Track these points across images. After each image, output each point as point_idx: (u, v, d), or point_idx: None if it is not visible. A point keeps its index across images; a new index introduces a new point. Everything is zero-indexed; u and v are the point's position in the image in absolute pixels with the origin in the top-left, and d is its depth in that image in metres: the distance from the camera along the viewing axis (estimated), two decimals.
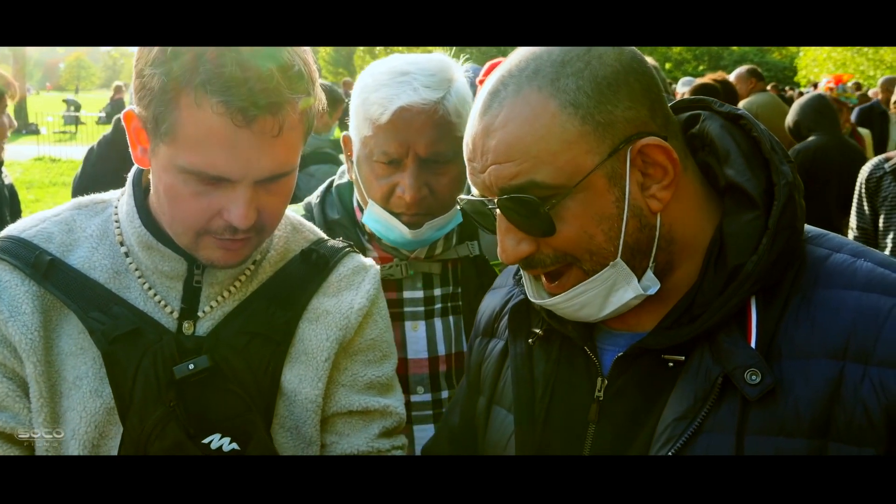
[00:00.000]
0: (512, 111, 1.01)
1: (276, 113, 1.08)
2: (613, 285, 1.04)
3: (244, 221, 1.13)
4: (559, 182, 1.00)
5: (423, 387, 1.71)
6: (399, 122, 1.54)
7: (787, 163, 1.05)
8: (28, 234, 1.25)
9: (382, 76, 1.59)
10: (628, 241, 1.03)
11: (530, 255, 1.06)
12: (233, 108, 1.06)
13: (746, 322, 1.00)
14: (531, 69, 1.02)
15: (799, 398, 0.95)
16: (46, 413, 1.18)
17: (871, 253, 1.04)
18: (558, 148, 0.99)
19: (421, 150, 1.55)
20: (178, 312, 1.25)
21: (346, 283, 1.35)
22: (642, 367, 1.07)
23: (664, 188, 1.03)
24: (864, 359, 0.94)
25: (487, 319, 1.35)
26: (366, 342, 1.36)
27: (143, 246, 1.24)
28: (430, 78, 1.56)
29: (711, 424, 0.98)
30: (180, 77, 1.07)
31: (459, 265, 1.73)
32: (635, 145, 1.01)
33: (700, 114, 1.14)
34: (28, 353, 1.17)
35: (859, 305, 0.97)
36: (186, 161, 1.10)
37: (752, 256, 1.01)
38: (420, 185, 1.57)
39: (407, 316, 1.72)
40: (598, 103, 0.99)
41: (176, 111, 1.08)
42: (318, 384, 1.28)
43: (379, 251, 1.73)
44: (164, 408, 1.16)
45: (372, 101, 1.57)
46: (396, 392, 1.42)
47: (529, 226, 1.03)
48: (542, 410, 1.15)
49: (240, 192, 1.12)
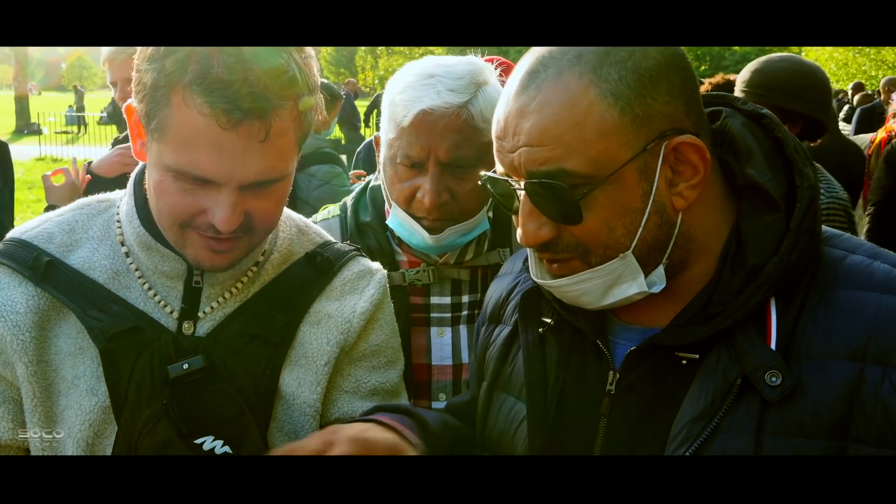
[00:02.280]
0: (550, 95, 0.99)
1: (262, 117, 1.07)
2: (619, 278, 1.04)
3: (226, 226, 1.11)
4: (589, 172, 0.98)
5: (445, 394, 1.69)
6: (421, 125, 1.52)
7: (810, 164, 1.05)
8: (29, 234, 1.26)
9: (410, 77, 1.57)
10: (646, 237, 1.02)
11: (549, 240, 1.05)
12: (217, 109, 1.05)
13: (765, 323, 1.00)
14: (574, 53, 1.00)
15: (818, 400, 0.94)
16: (40, 413, 1.19)
17: (887, 254, 1.04)
18: (593, 137, 0.98)
19: (442, 154, 1.53)
20: (179, 313, 1.24)
21: (351, 287, 1.34)
22: (655, 363, 1.07)
23: (692, 187, 1.02)
24: (884, 361, 0.94)
25: (494, 306, 1.34)
26: (370, 348, 1.35)
27: (142, 246, 1.24)
28: (457, 81, 1.53)
29: (729, 425, 0.97)
30: (171, 74, 1.06)
31: (490, 272, 1.69)
32: (671, 142, 1.00)
33: (722, 110, 1.13)
34: (19, 353, 1.18)
35: (878, 307, 0.97)
36: (172, 160, 1.09)
37: (773, 258, 1.00)
38: (440, 190, 1.55)
39: (433, 322, 1.70)
40: (639, 96, 0.98)
41: (166, 108, 1.08)
42: (317, 388, 1.27)
43: (408, 255, 1.71)
44: (157, 406, 1.17)
45: (397, 103, 1.55)
46: (402, 399, 1.41)
47: (556, 212, 1.02)
48: (553, 400, 1.15)
49: (224, 196, 1.11)
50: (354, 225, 1.72)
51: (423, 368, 1.69)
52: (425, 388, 1.68)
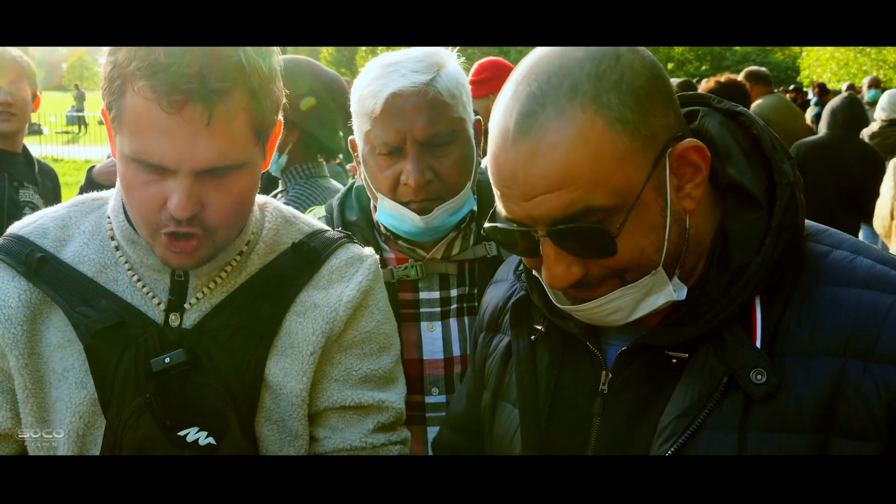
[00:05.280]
0: (557, 134, 0.95)
1: (204, 100, 1.08)
2: (649, 292, 1.03)
3: (180, 211, 1.12)
4: (614, 203, 0.96)
5: (437, 388, 1.70)
6: (392, 109, 1.55)
7: (788, 160, 1.05)
8: (26, 230, 1.30)
9: (372, 70, 1.62)
10: (670, 248, 1.02)
11: (580, 278, 1.03)
12: (158, 92, 1.06)
13: (751, 321, 1.01)
14: (567, 86, 0.96)
15: (801, 395, 0.95)
16: (32, 404, 1.22)
17: (870, 249, 1.05)
18: (611, 168, 0.95)
19: (418, 133, 1.55)
20: (166, 304, 1.26)
21: (339, 276, 1.34)
22: (646, 363, 1.07)
23: (697, 185, 1.02)
24: (865, 356, 0.95)
25: (491, 314, 1.34)
26: (360, 335, 1.34)
27: (127, 240, 1.27)
28: (418, 63, 1.57)
29: (714, 421, 0.98)
30: (122, 64, 1.09)
31: (476, 265, 1.72)
32: (674, 150, 1.00)
33: (699, 110, 1.13)
34: (10, 346, 1.21)
35: (860, 303, 0.97)
36: (129, 148, 1.12)
37: (756, 257, 1.01)
38: (423, 169, 1.56)
39: (423, 317, 1.72)
40: (642, 116, 0.97)
41: (122, 98, 1.10)
42: (302, 378, 1.27)
43: (395, 252, 1.73)
44: (140, 399, 1.18)
45: (365, 95, 1.59)
46: (397, 386, 1.40)
47: (589, 252, 1.00)
48: (545, 405, 1.15)
49: (179, 182, 1.12)
50: (341, 224, 1.74)
51: (415, 363, 1.69)
52: (417, 383, 1.69)
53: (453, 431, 1.41)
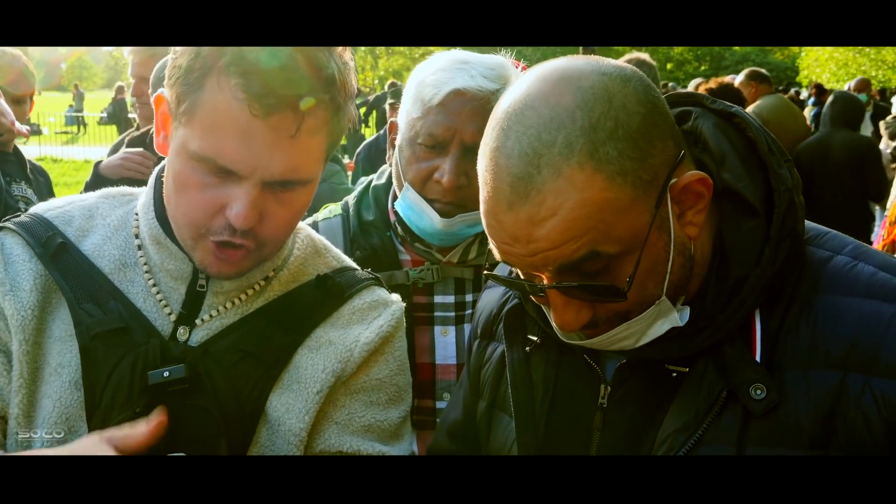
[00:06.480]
0: (558, 197, 0.91)
1: (296, 109, 1.04)
2: (654, 320, 1.02)
3: (243, 221, 1.07)
4: (620, 249, 0.95)
5: (449, 393, 1.68)
6: (450, 104, 1.54)
7: (785, 163, 1.03)
8: (51, 213, 1.25)
9: (443, 62, 1.60)
10: (673, 280, 1.01)
11: (591, 319, 1.02)
12: (251, 93, 1.02)
13: (751, 334, 0.99)
14: (561, 143, 0.91)
15: (800, 409, 0.94)
16: (24, 394, 1.15)
17: (872, 254, 1.02)
18: (614, 219, 0.93)
19: (467, 136, 1.54)
20: (177, 316, 1.20)
21: (360, 317, 1.27)
22: (645, 376, 1.06)
23: (699, 212, 1.00)
24: (866, 369, 0.93)
25: (486, 321, 1.32)
26: (371, 381, 1.26)
27: (153, 240, 1.22)
28: (490, 70, 1.57)
29: (712, 436, 0.97)
30: (208, 56, 1.05)
31: None
32: (675, 186, 0.98)
33: (692, 110, 1.10)
34: (16, 329, 1.15)
35: (860, 313, 0.95)
36: (198, 146, 1.07)
37: (756, 269, 0.99)
38: (459, 173, 1.55)
39: (437, 321, 1.70)
40: (641, 162, 0.93)
41: (199, 91, 1.06)
42: (304, 417, 1.19)
43: (412, 254, 1.71)
44: (128, 413, 1.10)
45: (428, 83, 1.57)
46: (402, 443, 1.30)
47: (599, 299, 1.00)
48: (542, 416, 1.14)
49: (245, 189, 1.07)
50: (357, 224, 1.72)
51: (427, 368, 1.68)
52: (429, 388, 1.68)
53: (450, 438, 1.38)
